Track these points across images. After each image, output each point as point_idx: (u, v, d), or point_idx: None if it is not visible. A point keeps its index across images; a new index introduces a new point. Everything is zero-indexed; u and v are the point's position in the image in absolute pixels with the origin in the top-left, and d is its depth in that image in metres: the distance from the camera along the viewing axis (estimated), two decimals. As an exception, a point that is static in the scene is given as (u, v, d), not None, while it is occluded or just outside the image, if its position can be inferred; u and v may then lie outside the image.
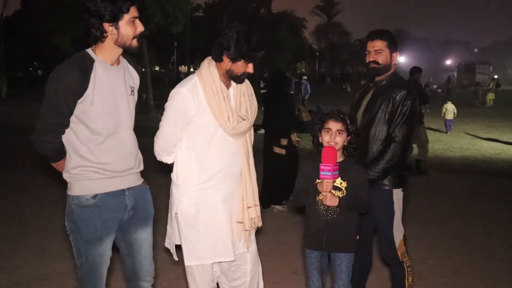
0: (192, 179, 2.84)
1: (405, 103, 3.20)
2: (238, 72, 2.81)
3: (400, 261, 3.35)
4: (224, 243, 2.86)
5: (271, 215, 5.99)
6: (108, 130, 2.52)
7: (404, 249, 3.37)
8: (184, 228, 2.86)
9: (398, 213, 3.32)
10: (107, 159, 2.53)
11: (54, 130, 2.47)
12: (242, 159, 2.91)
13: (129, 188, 2.64)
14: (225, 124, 2.80)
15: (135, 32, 2.53)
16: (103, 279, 2.65)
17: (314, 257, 3.02)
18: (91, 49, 2.53)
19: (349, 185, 2.91)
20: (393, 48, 3.35)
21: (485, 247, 5.14)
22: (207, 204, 2.84)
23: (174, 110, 2.80)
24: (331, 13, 77.95)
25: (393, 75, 3.38)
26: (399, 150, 3.20)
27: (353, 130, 2.97)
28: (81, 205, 2.54)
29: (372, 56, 3.33)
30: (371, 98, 3.36)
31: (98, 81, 2.47)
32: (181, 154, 2.86)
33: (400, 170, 3.34)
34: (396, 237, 3.32)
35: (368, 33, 3.44)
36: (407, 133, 3.22)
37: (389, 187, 3.29)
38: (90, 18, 2.46)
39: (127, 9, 2.47)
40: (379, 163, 3.21)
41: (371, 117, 3.30)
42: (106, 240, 2.58)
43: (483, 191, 7.71)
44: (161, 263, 4.22)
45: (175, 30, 22.67)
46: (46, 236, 5.15)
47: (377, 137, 3.28)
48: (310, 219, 3.03)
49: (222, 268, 3.03)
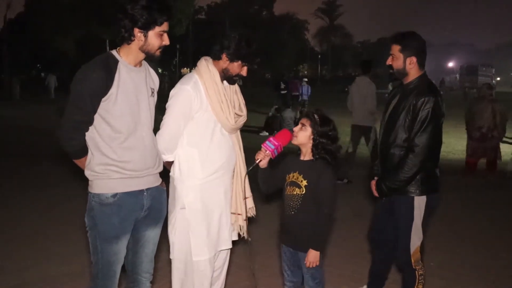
0: (196, 174, 2.96)
1: (424, 109, 3.09)
2: (233, 72, 2.97)
3: (413, 268, 3.31)
4: (225, 232, 3.07)
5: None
6: (129, 129, 2.60)
7: (419, 256, 3.32)
8: (193, 222, 2.96)
9: (418, 220, 3.25)
10: (128, 157, 2.61)
11: (79, 127, 2.56)
12: (237, 152, 3.10)
13: (147, 189, 2.73)
14: (226, 119, 2.94)
15: (161, 44, 2.64)
16: (116, 277, 2.72)
17: (283, 252, 3.11)
18: (116, 51, 2.63)
19: (309, 185, 2.92)
20: (409, 53, 3.22)
21: (488, 250, 5.13)
22: (212, 197, 2.99)
23: (179, 106, 2.89)
24: (333, 15, 78.03)
25: (421, 78, 3.25)
26: (418, 160, 3.12)
27: (319, 130, 2.92)
28: (101, 203, 2.61)
29: (388, 60, 3.31)
30: (397, 102, 3.31)
31: (122, 81, 2.56)
32: (183, 151, 2.96)
33: (428, 176, 3.23)
34: (413, 243, 3.27)
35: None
36: (427, 141, 3.11)
37: (412, 194, 3.22)
38: (124, 19, 2.55)
39: (161, 22, 2.59)
40: (397, 173, 3.18)
41: (393, 122, 3.26)
42: (122, 238, 2.66)
43: (486, 193, 7.70)
44: (165, 264, 4.23)
45: (178, 32, 22.74)
46: (51, 238, 5.17)
47: (396, 143, 3.23)
48: (281, 214, 3.11)
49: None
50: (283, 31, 59.95)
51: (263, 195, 3.51)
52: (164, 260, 4.29)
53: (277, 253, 4.74)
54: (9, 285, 4.01)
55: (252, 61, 3.00)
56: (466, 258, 4.87)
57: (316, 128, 2.93)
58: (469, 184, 8.42)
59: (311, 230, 2.92)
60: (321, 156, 2.93)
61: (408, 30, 3.40)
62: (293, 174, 3.00)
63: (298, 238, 2.98)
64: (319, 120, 2.94)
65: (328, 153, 2.93)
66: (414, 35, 3.31)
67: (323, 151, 2.92)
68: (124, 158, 2.60)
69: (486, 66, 60.26)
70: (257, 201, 3.31)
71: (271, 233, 4.86)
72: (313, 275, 2.98)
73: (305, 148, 2.98)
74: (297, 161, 3.03)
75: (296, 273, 3.10)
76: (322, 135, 2.92)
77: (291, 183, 3.00)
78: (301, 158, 3.02)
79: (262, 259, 4.51)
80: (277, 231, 3.97)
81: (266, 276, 4.19)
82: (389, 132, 3.27)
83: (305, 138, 2.96)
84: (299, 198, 2.94)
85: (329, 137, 2.94)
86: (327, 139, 2.93)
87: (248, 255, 3.88)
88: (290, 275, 3.11)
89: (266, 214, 4.89)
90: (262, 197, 3.94)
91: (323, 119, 2.96)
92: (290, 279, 3.12)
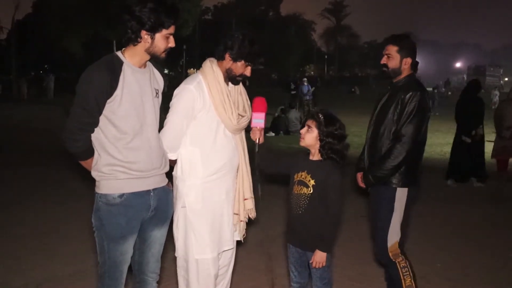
0: (197, 173, 2.98)
1: (411, 102, 3.23)
2: (236, 72, 2.99)
3: (392, 261, 3.33)
4: (227, 233, 3.08)
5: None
6: (134, 129, 2.61)
7: (398, 251, 3.34)
8: (193, 221, 2.98)
9: (398, 213, 3.30)
10: (134, 158, 2.62)
11: (84, 128, 2.57)
12: (240, 153, 3.11)
13: (154, 189, 2.74)
14: (228, 120, 2.96)
15: (167, 46, 2.65)
16: (123, 277, 2.73)
17: (290, 252, 3.10)
18: (120, 52, 2.65)
19: (317, 184, 2.93)
20: (405, 54, 3.37)
21: (494, 251, 5.10)
22: (212, 197, 3.01)
23: (182, 105, 2.91)
24: (339, 15, 77.76)
25: (410, 77, 3.41)
26: (404, 149, 3.22)
27: (325, 130, 2.92)
28: (108, 203, 2.62)
29: (384, 59, 3.43)
30: (386, 99, 3.42)
31: (127, 82, 2.57)
32: (186, 150, 2.99)
33: (411, 169, 3.32)
34: (390, 238, 3.31)
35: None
36: (413, 132, 3.23)
37: (395, 185, 3.30)
38: (131, 20, 2.55)
39: (168, 25, 2.60)
40: (384, 161, 3.27)
41: (382, 117, 3.35)
42: (129, 239, 2.67)
43: (492, 194, 7.65)
44: (171, 264, 4.25)
45: (184, 33, 22.79)
46: (57, 238, 5.20)
47: (386, 136, 3.32)
48: (288, 213, 3.10)
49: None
50: (290, 31, 59.94)
51: (268, 196, 3.50)
52: (171, 260, 4.30)
53: (282, 254, 4.74)
54: (15, 285, 4.03)
55: (255, 60, 3.01)
56: (472, 258, 4.84)
57: (322, 129, 2.93)
58: (473, 185, 8.36)
59: (319, 230, 2.92)
60: (329, 157, 2.93)
61: (411, 31, 3.50)
62: (302, 173, 3.00)
63: (305, 237, 2.98)
64: (324, 120, 2.94)
65: (335, 152, 2.94)
66: (409, 38, 3.52)
67: (331, 151, 2.93)
68: (130, 158, 2.61)
69: (494, 66, 59.93)
70: (260, 202, 3.30)
71: (277, 234, 4.86)
72: (321, 275, 2.98)
73: (314, 149, 2.99)
74: (306, 160, 3.04)
75: (303, 274, 3.10)
76: (328, 135, 2.92)
77: (299, 182, 3.00)
78: (310, 158, 3.03)
79: (268, 260, 4.51)
80: (282, 232, 4.00)
81: (272, 277, 4.19)
82: (379, 125, 3.37)
83: (312, 140, 2.96)
84: (307, 198, 2.94)
85: (335, 136, 2.93)
86: (333, 139, 2.93)
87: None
88: (297, 276, 3.10)
89: (270, 215, 4.88)
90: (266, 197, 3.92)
91: (328, 119, 2.96)
92: (297, 280, 3.11)
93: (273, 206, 5.02)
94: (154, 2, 2.55)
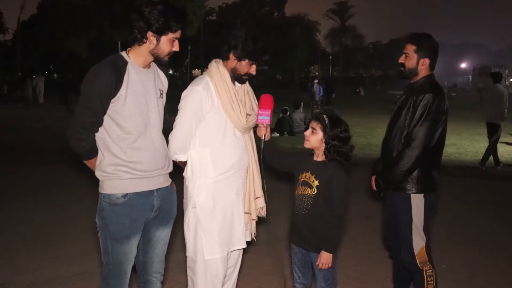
0: (208, 173, 2.98)
1: (422, 105, 3.14)
2: (241, 71, 3.00)
3: (420, 268, 3.27)
4: (238, 232, 3.07)
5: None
6: (138, 129, 2.62)
7: (426, 258, 3.28)
8: (204, 221, 2.98)
9: (417, 219, 3.24)
10: (138, 158, 2.63)
11: (88, 128, 2.58)
12: (249, 152, 3.11)
13: (157, 189, 2.74)
14: (237, 119, 2.97)
15: (171, 50, 2.67)
16: (127, 277, 2.74)
17: (293, 252, 3.10)
18: (125, 52, 2.66)
19: (320, 185, 2.92)
20: (423, 54, 3.26)
21: (500, 253, 5.07)
22: (223, 196, 3.01)
23: (191, 106, 2.92)
24: (344, 16, 77.82)
25: (427, 78, 3.30)
26: (413, 154, 3.13)
27: (330, 133, 2.90)
28: (111, 203, 2.63)
29: (401, 58, 3.35)
30: (402, 101, 3.34)
31: (131, 82, 2.58)
32: (195, 151, 2.99)
33: (426, 174, 3.24)
34: (416, 243, 3.25)
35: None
36: (424, 136, 3.13)
37: (409, 191, 3.23)
38: (139, 20, 2.56)
39: (175, 29, 2.61)
40: (393, 167, 3.20)
41: (396, 119, 3.29)
42: (132, 239, 2.68)
43: (497, 196, 7.63)
44: (176, 264, 4.25)
45: (189, 33, 22.82)
46: (62, 238, 5.22)
47: (398, 139, 3.26)
48: (292, 213, 3.09)
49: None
50: (294, 32, 59.94)
51: (272, 196, 3.50)
52: (175, 261, 4.32)
53: (285, 254, 4.73)
54: (21, 285, 4.05)
55: (259, 58, 3.00)
56: (477, 260, 4.82)
57: (327, 131, 2.91)
58: (479, 186, 8.33)
59: (323, 231, 2.91)
60: (334, 159, 2.92)
61: (423, 31, 3.42)
62: (306, 174, 3.00)
63: (309, 238, 2.97)
64: (329, 122, 2.92)
65: (340, 155, 2.92)
66: (430, 37, 3.35)
67: (336, 154, 2.92)
68: (134, 158, 2.62)
69: (499, 67, 59.48)
70: (266, 199, 3.28)
71: (280, 234, 4.85)
72: (325, 276, 2.97)
73: (318, 150, 2.98)
74: (310, 161, 3.03)
75: (307, 274, 3.09)
76: (333, 138, 2.90)
77: (303, 182, 3.00)
78: (314, 159, 3.02)
79: (272, 259, 4.51)
80: (285, 232, 3.99)
81: (277, 278, 4.19)
82: (392, 128, 3.31)
83: (317, 142, 2.95)
84: (310, 198, 2.94)
85: (341, 138, 2.92)
86: (339, 141, 2.91)
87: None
88: (300, 277, 3.10)
89: (274, 215, 4.88)
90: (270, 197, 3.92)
91: (333, 121, 2.94)
92: (301, 281, 3.10)
93: (281, 207, 5.00)
94: (164, 5, 2.56)
